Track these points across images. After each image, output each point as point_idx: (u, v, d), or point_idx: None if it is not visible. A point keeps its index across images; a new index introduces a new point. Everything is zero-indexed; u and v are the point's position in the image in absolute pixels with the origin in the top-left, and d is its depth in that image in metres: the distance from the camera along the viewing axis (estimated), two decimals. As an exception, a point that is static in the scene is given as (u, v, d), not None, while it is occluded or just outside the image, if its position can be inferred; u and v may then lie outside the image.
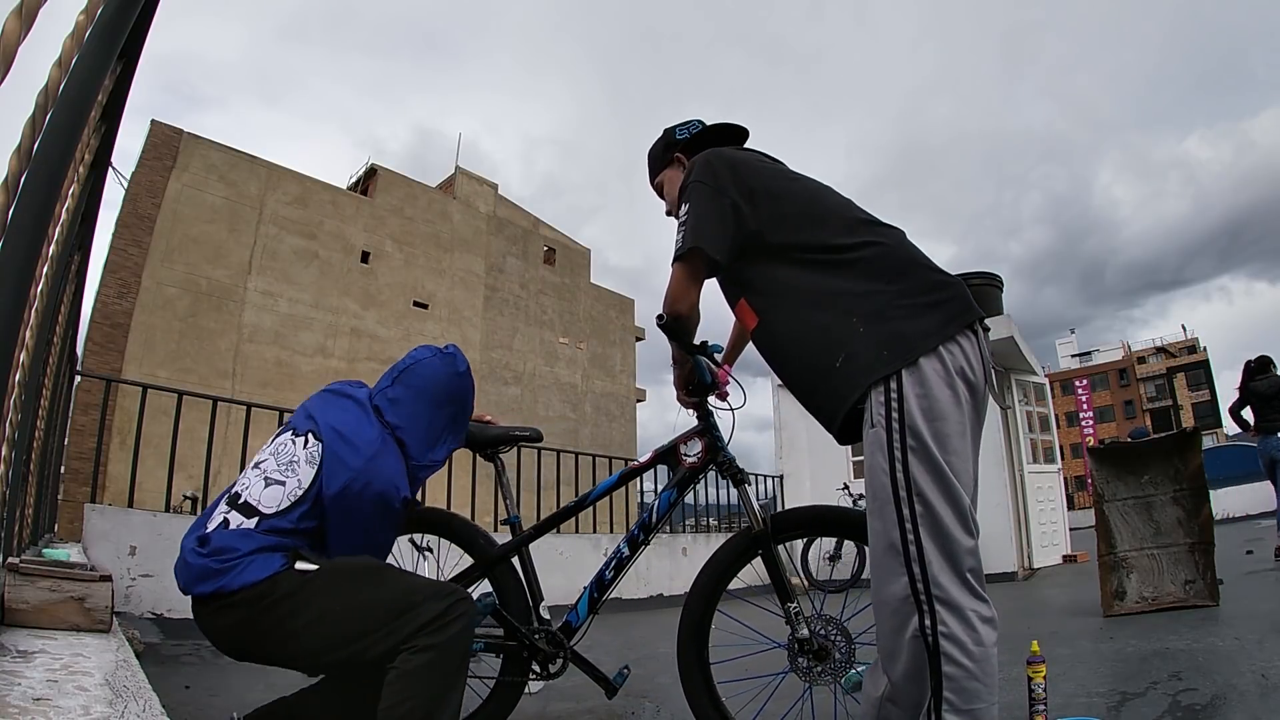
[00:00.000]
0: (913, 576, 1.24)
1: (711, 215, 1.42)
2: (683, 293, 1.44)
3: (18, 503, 2.09)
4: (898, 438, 1.27)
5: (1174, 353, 53.95)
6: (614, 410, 28.57)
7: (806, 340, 1.41)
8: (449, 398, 1.68)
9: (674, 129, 1.69)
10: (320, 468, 1.44)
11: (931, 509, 1.25)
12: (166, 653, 3.23)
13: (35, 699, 1.03)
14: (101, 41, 1.02)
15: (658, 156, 1.73)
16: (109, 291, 17.20)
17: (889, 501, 1.27)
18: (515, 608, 1.86)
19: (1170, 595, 3.79)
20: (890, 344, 1.31)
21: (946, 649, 1.21)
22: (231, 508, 1.44)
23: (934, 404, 1.28)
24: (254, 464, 1.52)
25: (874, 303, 1.36)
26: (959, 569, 1.24)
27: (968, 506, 1.28)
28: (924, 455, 1.26)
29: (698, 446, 1.77)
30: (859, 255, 1.40)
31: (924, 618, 1.22)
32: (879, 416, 1.29)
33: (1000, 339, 7.17)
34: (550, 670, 1.82)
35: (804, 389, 1.47)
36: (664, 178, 1.71)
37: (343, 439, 1.47)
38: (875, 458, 1.30)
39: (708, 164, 1.48)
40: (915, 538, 1.24)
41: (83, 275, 2.63)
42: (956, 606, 1.22)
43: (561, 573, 4.42)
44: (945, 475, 1.26)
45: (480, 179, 27.36)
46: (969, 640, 1.22)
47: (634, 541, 1.79)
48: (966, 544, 1.25)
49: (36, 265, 0.98)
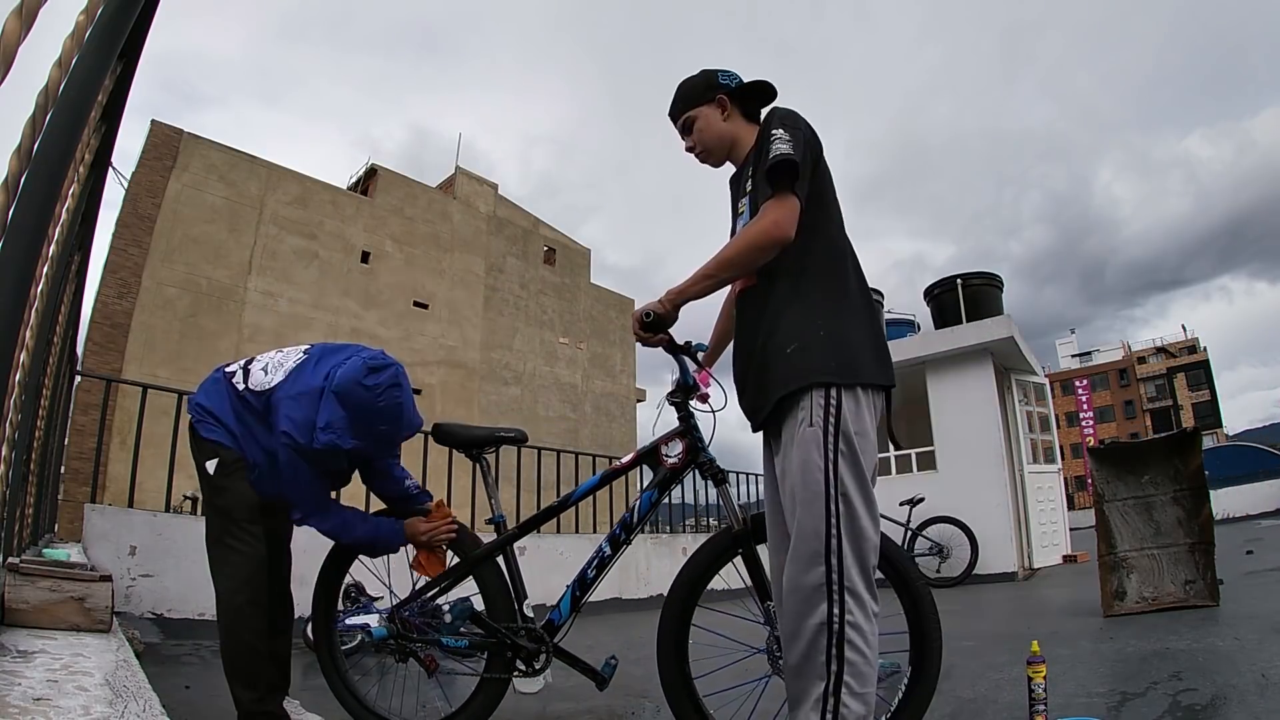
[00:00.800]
0: (829, 568, 1.33)
1: (807, 147, 1.47)
2: (794, 223, 1.43)
3: (18, 503, 2.09)
4: (833, 440, 1.38)
5: (1174, 353, 53.92)
6: (614, 410, 28.56)
7: (779, 318, 1.48)
8: (350, 400, 1.81)
9: (715, 72, 1.66)
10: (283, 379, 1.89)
11: (853, 509, 1.36)
12: (166, 653, 3.23)
13: (35, 699, 1.03)
14: (101, 41, 1.02)
15: (697, 91, 1.66)
16: (109, 291, 17.19)
17: (820, 496, 1.36)
18: (499, 606, 1.91)
19: (1170, 595, 3.79)
20: (840, 359, 1.42)
21: (852, 637, 1.30)
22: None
23: (861, 424, 1.41)
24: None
25: (842, 317, 1.46)
26: (866, 567, 1.35)
27: (878, 513, 1.42)
28: (852, 461, 1.38)
29: (679, 447, 1.78)
30: (847, 266, 1.52)
31: (833, 607, 1.31)
32: (818, 417, 1.39)
33: (1000, 339, 7.17)
34: (535, 666, 1.86)
35: (756, 363, 1.52)
36: (700, 113, 1.65)
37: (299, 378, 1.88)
38: (810, 454, 1.38)
39: (800, 117, 1.52)
40: (838, 533, 1.34)
41: (83, 275, 2.63)
42: (861, 599, 1.33)
43: (561, 573, 4.41)
44: (866, 482, 1.39)
45: (480, 179, 27.35)
46: (869, 630, 1.32)
47: (616, 541, 1.82)
48: (874, 543, 1.38)
49: (36, 265, 0.98)
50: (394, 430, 1.87)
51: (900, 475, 7.72)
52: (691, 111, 1.66)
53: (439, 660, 1.98)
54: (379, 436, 1.85)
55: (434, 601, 2.00)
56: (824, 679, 1.30)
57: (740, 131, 1.63)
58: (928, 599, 1.57)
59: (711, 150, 1.66)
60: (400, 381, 1.84)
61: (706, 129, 1.64)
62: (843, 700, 1.28)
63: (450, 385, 23.50)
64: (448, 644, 1.91)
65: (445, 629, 1.91)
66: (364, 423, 1.80)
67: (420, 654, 1.96)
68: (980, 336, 7.22)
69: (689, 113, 1.66)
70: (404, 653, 1.97)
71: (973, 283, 8.06)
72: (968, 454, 7.19)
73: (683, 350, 1.69)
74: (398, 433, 1.89)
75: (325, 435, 1.77)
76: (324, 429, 1.78)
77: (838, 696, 1.28)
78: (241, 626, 1.81)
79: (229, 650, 1.83)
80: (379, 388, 1.79)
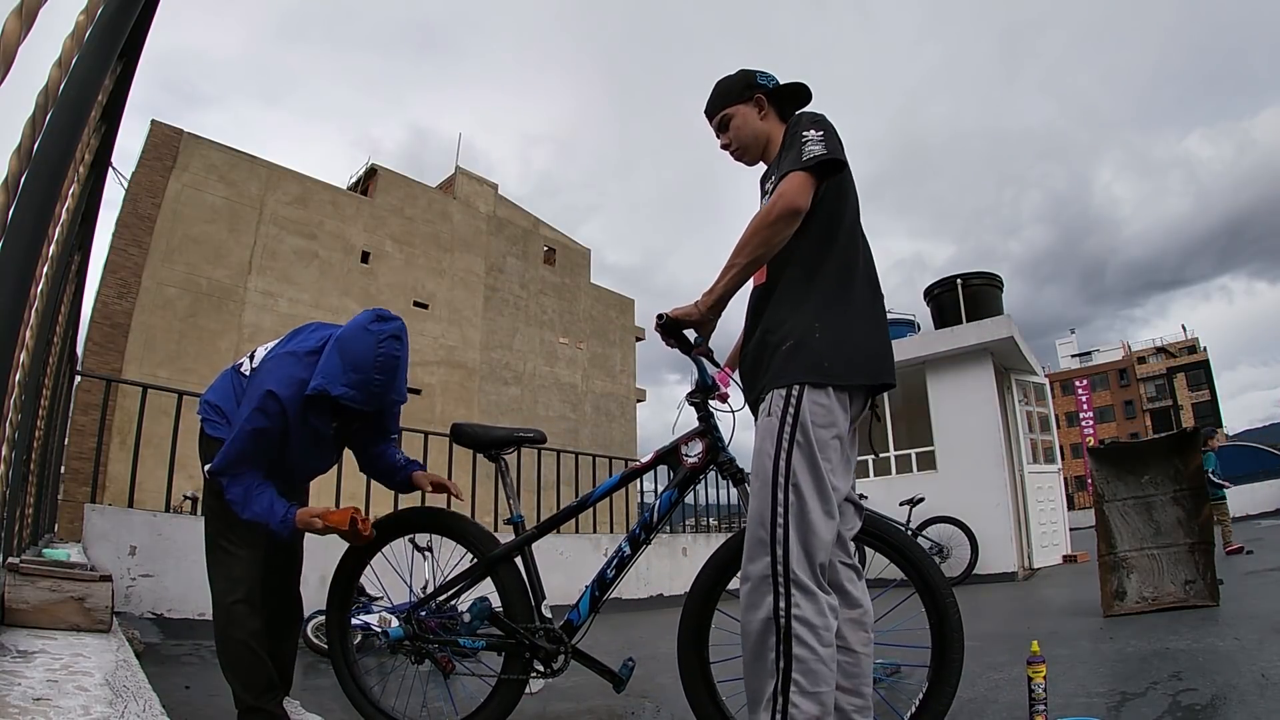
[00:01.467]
0: (774, 558, 1.31)
1: (839, 149, 1.47)
2: (805, 195, 1.43)
3: (18, 503, 2.09)
4: (788, 430, 1.37)
5: (1174, 353, 53.91)
6: (614, 410, 28.56)
7: (780, 315, 1.49)
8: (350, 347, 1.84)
9: (754, 73, 1.68)
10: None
11: (804, 500, 1.33)
12: (166, 653, 3.23)
13: (35, 699, 1.03)
14: (101, 41, 1.02)
15: (735, 90, 1.68)
16: (109, 291, 17.18)
17: (768, 484, 1.36)
18: (518, 607, 1.88)
19: (1170, 595, 3.79)
20: (831, 359, 1.41)
21: (799, 632, 1.26)
22: None
23: (824, 414, 1.40)
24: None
25: (846, 318, 1.46)
26: (813, 560, 1.32)
27: (835, 508, 1.38)
28: (808, 453, 1.36)
29: (699, 447, 1.79)
30: (856, 267, 1.52)
31: (779, 600, 1.28)
32: (776, 408, 1.40)
33: (1000, 339, 7.17)
34: (553, 667, 1.84)
35: (751, 359, 1.54)
36: (737, 111, 1.67)
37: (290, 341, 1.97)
38: (764, 443, 1.39)
39: (828, 121, 1.53)
40: (784, 523, 1.32)
41: (83, 275, 2.63)
42: (810, 592, 1.29)
43: (562, 572, 4.41)
44: (822, 474, 1.36)
45: (480, 179, 27.34)
46: (820, 625, 1.28)
47: (635, 541, 1.81)
48: (825, 539, 1.34)
49: (36, 265, 0.98)
50: (386, 384, 1.81)
51: (900, 475, 7.72)
52: (729, 109, 1.67)
53: (455, 661, 1.96)
54: (370, 388, 1.79)
55: (449, 603, 1.99)
56: (773, 676, 1.27)
57: (775, 132, 1.65)
58: (950, 600, 1.57)
59: (747, 148, 1.68)
60: (401, 336, 1.84)
61: (743, 126, 1.66)
62: (791, 699, 1.24)
63: (450, 385, 23.50)
64: (465, 645, 1.90)
65: (463, 629, 1.90)
66: (359, 372, 1.77)
67: (436, 655, 1.95)
68: (980, 336, 7.22)
69: (726, 110, 1.68)
70: (421, 654, 1.95)
71: (973, 283, 8.06)
72: (968, 454, 7.19)
73: (700, 351, 1.68)
74: (389, 387, 1.83)
75: (315, 380, 1.78)
76: (316, 375, 1.79)
77: (786, 696, 1.25)
78: (234, 627, 1.82)
79: (222, 650, 1.84)
80: (383, 334, 1.79)
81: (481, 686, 1.94)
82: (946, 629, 1.55)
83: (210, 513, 1.91)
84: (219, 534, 1.87)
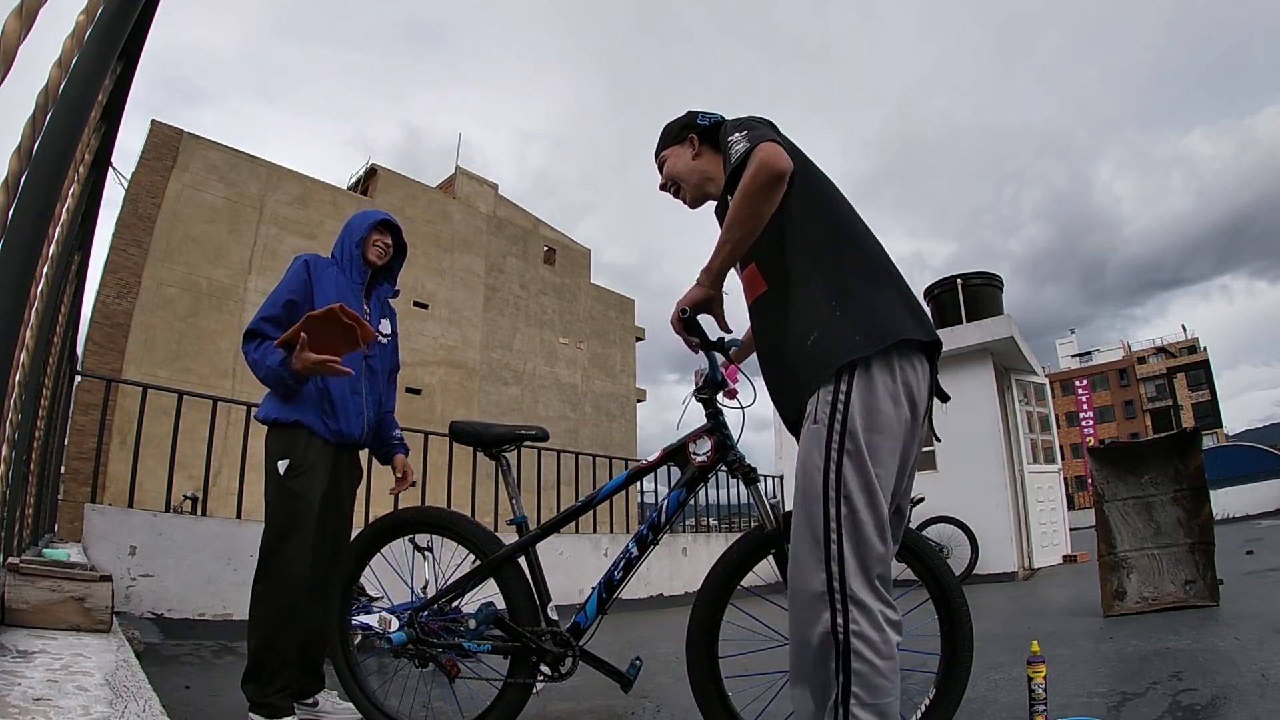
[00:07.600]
0: (830, 574, 1.28)
1: (768, 132, 1.43)
2: (777, 158, 1.35)
3: (18, 503, 2.09)
4: (837, 438, 1.31)
5: (1174, 353, 53.89)
6: (614, 410, 28.55)
7: (791, 308, 1.44)
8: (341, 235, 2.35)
9: (697, 113, 1.69)
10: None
11: (856, 513, 1.29)
12: (166, 653, 3.23)
13: (35, 699, 1.03)
14: (101, 41, 1.02)
15: (672, 133, 1.71)
16: (109, 291, 17.17)
17: (819, 499, 1.31)
18: (523, 610, 1.86)
19: (1170, 595, 3.79)
20: (866, 329, 1.34)
21: (857, 646, 1.25)
22: None
23: (875, 416, 1.32)
24: None
25: (862, 285, 1.40)
26: (869, 573, 1.29)
27: (886, 517, 1.33)
28: (858, 461, 1.30)
29: (707, 445, 1.74)
30: (855, 241, 1.46)
31: (836, 615, 1.26)
32: (822, 414, 1.33)
33: (1000, 339, 7.17)
34: (560, 670, 1.81)
35: (778, 361, 1.49)
36: (671, 152, 1.70)
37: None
38: (811, 454, 1.33)
39: (752, 117, 1.50)
40: (838, 537, 1.29)
41: (83, 275, 2.63)
42: (866, 607, 1.27)
43: (562, 573, 4.42)
44: (873, 483, 1.31)
45: (480, 179, 27.34)
46: (878, 639, 1.26)
47: (643, 542, 1.79)
48: (879, 551, 1.30)
49: (36, 265, 0.98)
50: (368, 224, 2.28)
51: (900, 475, 7.71)
52: (665, 152, 1.71)
53: (460, 665, 1.93)
54: (364, 229, 2.27)
55: (452, 605, 1.95)
56: (832, 690, 1.26)
57: (712, 169, 1.64)
58: (964, 612, 1.56)
59: (680, 185, 1.68)
60: (377, 224, 2.31)
61: (674, 165, 1.68)
62: (852, 711, 1.24)
63: (450, 385, 23.49)
64: (469, 648, 1.86)
65: (468, 633, 1.87)
66: (352, 231, 2.28)
67: (441, 659, 1.90)
68: (980, 336, 7.22)
69: (663, 153, 1.72)
70: (424, 658, 1.91)
71: (973, 283, 8.06)
72: (968, 454, 7.19)
73: (714, 346, 1.64)
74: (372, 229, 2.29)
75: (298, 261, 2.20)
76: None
77: (846, 707, 1.24)
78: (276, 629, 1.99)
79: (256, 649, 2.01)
80: (365, 220, 2.29)
81: (485, 688, 1.92)
82: (958, 640, 1.54)
83: (273, 513, 2.06)
84: (282, 537, 2.03)
